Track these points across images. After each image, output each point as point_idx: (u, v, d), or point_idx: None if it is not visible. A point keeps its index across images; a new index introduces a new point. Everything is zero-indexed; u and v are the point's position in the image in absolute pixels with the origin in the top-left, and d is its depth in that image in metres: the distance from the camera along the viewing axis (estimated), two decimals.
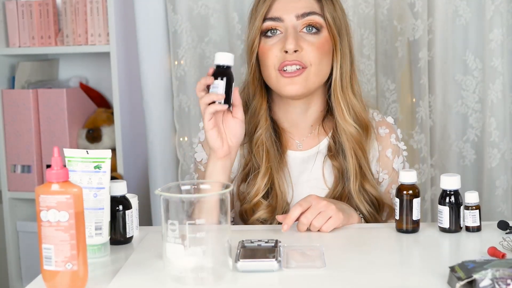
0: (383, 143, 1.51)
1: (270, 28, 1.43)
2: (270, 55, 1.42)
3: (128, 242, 1.29)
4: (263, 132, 1.46)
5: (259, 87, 1.48)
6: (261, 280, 1.07)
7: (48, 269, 1.03)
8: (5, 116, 2.32)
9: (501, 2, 1.97)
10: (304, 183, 1.48)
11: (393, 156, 1.52)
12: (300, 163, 1.50)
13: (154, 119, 2.17)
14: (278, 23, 1.42)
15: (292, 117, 1.50)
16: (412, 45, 2.02)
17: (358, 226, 1.40)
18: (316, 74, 1.42)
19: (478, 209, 1.29)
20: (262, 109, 1.47)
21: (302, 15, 1.42)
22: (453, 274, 1.01)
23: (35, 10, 2.29)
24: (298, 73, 1.40)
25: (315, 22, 1.42)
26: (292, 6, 1.43)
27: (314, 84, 1.43)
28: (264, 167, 1.45)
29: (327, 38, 1.44)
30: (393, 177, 1.52)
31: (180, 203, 1.04)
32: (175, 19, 2.12)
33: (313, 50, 1.41)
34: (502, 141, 2.01)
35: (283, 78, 1.41)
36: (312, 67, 1.41)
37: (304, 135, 1.51)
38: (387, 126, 1.53)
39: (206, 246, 1.04)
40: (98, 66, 2.45)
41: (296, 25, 1.42)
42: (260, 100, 1.48)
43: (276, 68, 1.41)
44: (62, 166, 1.04)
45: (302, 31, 1.42)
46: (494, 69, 1.99)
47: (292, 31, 1.41)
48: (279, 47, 1.41)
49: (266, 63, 1.43)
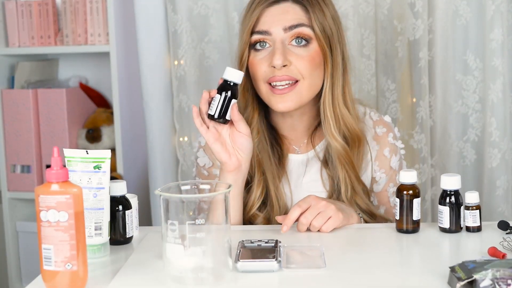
0: (380, 142, 1.51)
1: (258, 40, 1.41)
2: (259, 69, 1.40)
3: (128, 242, 1.29)
4: (254, 145, 1.44)
5: (251, 98, 1.47)
6: (261, 280, 1.07)
7: (48, 269, 1.03)
8: (5, 116, 2.32)
9: (502, 2, 1.97)
10: (304, 185, 1.48)
11: (390, 155, 1.52)
12: (299, 166, 1.50)
13: (154, 119, 2.17)
14: (265, 36, 1.40)
15: (289, 123, 1.50)
16: (412, 45, 2.02)
17: (358, 226, 1.40)
18: (308, 88, 1.40)
19: (478, 209, 1.29)
20: (254, 121, 1.46)
21: (289, 28, 1.39)
22: (453, 274, 1.00)
23: (34, 10, 2.29)
24: (289, 89, 1.38)
25: (304, 34, 1.39)
26: (279, 18, 1.39)
27: (307, 97, 1.42)
28: (256, 178, 1.45)
29: (317, 49, 1.41)
30: (391, 175, 1.52)
31: (180, 203, 1.04)
32: (175, 19, 2.12)
33: (303, 63, 1.39)
34: (502, 141, 2.01)
35: (274, 95, 1.39)
36: (305, 80, 1.39)
37: (303, 138, 1.51)
38: (385, 125, 1.53)
39: (206, 246, 1.04)
40: (98, 66, 2.45)
41: (284, 38, 1.39)
42: (252, 112, 1.47)
43: (265, 82, 1.40)
44: (62, 166, 1.04)
45: (291, 43, 1.40)
46: (495, 69, 1.99)
47: (279, 46, 1.38)
48: (267, 61, 1.39)
49: (256, 77, 1.42)
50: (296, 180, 1.49)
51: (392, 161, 1.52)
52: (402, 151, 1.56)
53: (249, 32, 1.41)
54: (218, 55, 2.15)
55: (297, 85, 1.39)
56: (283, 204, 1.46)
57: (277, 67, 1.37)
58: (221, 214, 1.06)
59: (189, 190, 1.11)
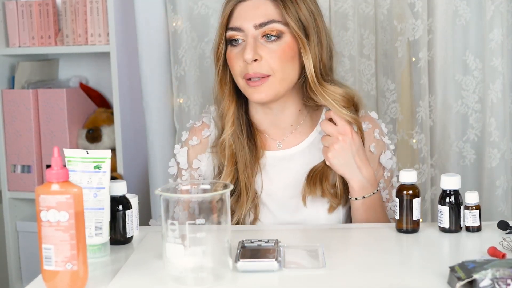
0: (366, 138, 1.51)
1: (232, 37, 1.44)
2: (235, 64, 1.43)
3: (128, 242, 1.29)
4: (227, 136, 1.48)
5: (228, 91, 1.49)
6: (261, 280, 1.07)
7: (48, 269, 1.03)
8: (5, 116, 2.32)
9: (501, 2, 1.97)
10: (284, 180, 1.49)
11: (377, 151, 1.52)
12: (279, 162, 1.50)
13: (154, 119, 2.17)
14: (238, 32, 1.43)
15: (270, 118, 1.51)
16: (412, 45, 2.02)
17: (358, 226, 1.40)
18: (281, 81, 1.42)
19: (478, 209, 1.29)
20: (229, 113, 1.49)
21: (260, 25, 1.41)
22: (453, 274, 1.01)
23: (35, 10, 2.29)
24: (261, 82, 1.41)
25: (274, 30, 1.41)
26: (250, 14, 1.42)
27: (282, 88, 1.43)
28: (228, 169, 1.47)
29: (290, 43, 1.42)
30: (380, 172, 1.52)
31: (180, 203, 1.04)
32: (175, 19, 2.12)
33: (274, 57, 1.40)
34: (502, 141, 2.01)
35: (249, 87, 1.42)
36: (276, 74, 1.41)
37: (284, 134, 1.52)
38: (370, 121, 1.53)
39: (206, 246, 1.04)
40: (98, 66, 2.45)
41: (255, 34, 1.41)
42: (227, 104, 1.49)
43: (242, 77, 1.43)
44: (62, 166, 1.04)
45: (263, 38, 1.42)
46: (494, 69, 1.99)
47: (251, 41, 1.41)
48: (241, 57, 1.42)
49: (234, 71, 1.45)
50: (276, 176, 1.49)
51: (382, 158, 1.52)
52: (392, 146, 1.56)
53: (223, 27, 1.44)
54: None
55: (268, 79, 1.41)
56: (251, 195, 1.46)
57: (248, 62, 1.40)
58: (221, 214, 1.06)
59: (189, 190, 1.11)
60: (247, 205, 1.45)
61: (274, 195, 1.48)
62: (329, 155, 1.41)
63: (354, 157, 1.41)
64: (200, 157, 1.54)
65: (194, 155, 1.54)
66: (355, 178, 1.42)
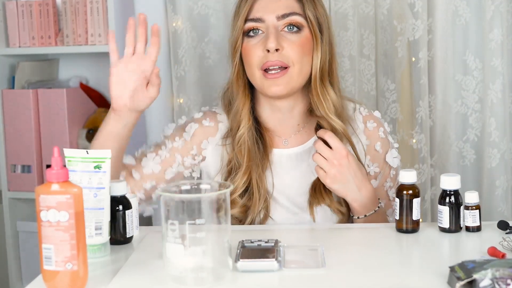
0: (371, 137, 1.52)
1: (252, 28, 1.45)
2: (253, 55, 1.44)
3: (128, 242, 1.29)
4: (245, 131, 1.48)
5: (243, 86, 1.50)
6: (261, 280, 1.07)
7: (48, 269, 1.03)
8: (5, 116, 2.32)
9: (501, 2, 1.97)
10: (292, 179, 1.49)
11: (382, 150, 1.53)
12: (287, 160, 1.50)
13: (154, 119, 2.17)
14: (259, 23, 1.44)
15: (278, 116, 1.52)
16: (412, 45, 2.02)
17: (358, 226, 1.40)
18: (298, 73, 1.43)
19: (478, 209, 1.29)
20: (245, 108, 1.49)
21: (282, 16, 1.43)
22: (453, 274, 1.01)
23: (35, 10, 2.29)
24: (281, 74, 1.42)
25: (296, 21, 1.44)
26: (272, 6, 1.44)
27: (297, 83, 1.45)
28: (245, 165, 1.46)
29: (308, 37, 1.45)
30: (386, 170, 1.52)
31: (180, 203, 1.04)
32: (175, 19, 2.12)
33: (294, 48, 1.43)
34: (502, 141, 2.01)
35: (267, 79, 1.43)
36: (295, 66, 1.43)
37: (291, 133, 1.52)
38: (375, 120, 1.54)
39: (206, 246, 1.04)
40: (98, 66, 2.45)
41: (277, 25, 1.44)
42: (243, 99, 1.49)
43: (259, 68, 1.43)
44: (62, 166, 1.04)
45: (283, 30, 1.44)
46: (494, 69, 1.99)
47: (273, 31, 1.42)
48: (261, 47, 1.43)
49: (250, 63, 1.45)
50: (284, 175, 1.49)
51: (387, 156, 1.52)
52: (396, 144, 1.56)
53: (243, 19, 1.45)
54: (218, 55, 2.14)
55: (287, 70, 1.42)
56: (263, 193, 1.46)
57: (271, 51, 1.41)
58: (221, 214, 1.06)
59: (189, 190, 1.11)
60: (259, 203, 1.45)
61: (283, 192, 1.48)
62: (328, 181, 1.40)
63: (353, 179, 1.40)
64: (210, 140, 1.53)
65: (204, 136, 1.53)
66: (356, 199, 1.42)
